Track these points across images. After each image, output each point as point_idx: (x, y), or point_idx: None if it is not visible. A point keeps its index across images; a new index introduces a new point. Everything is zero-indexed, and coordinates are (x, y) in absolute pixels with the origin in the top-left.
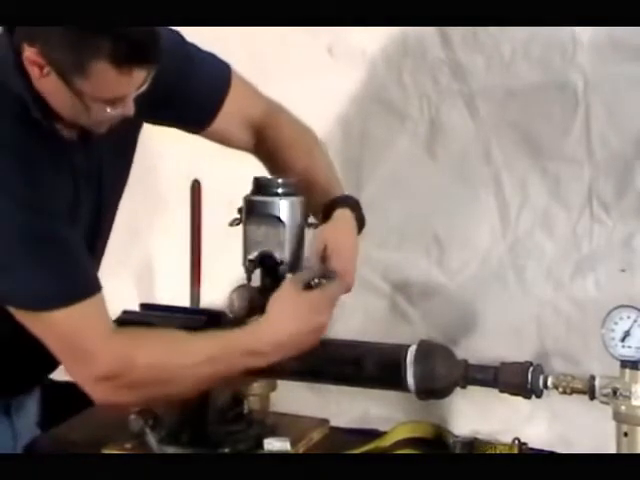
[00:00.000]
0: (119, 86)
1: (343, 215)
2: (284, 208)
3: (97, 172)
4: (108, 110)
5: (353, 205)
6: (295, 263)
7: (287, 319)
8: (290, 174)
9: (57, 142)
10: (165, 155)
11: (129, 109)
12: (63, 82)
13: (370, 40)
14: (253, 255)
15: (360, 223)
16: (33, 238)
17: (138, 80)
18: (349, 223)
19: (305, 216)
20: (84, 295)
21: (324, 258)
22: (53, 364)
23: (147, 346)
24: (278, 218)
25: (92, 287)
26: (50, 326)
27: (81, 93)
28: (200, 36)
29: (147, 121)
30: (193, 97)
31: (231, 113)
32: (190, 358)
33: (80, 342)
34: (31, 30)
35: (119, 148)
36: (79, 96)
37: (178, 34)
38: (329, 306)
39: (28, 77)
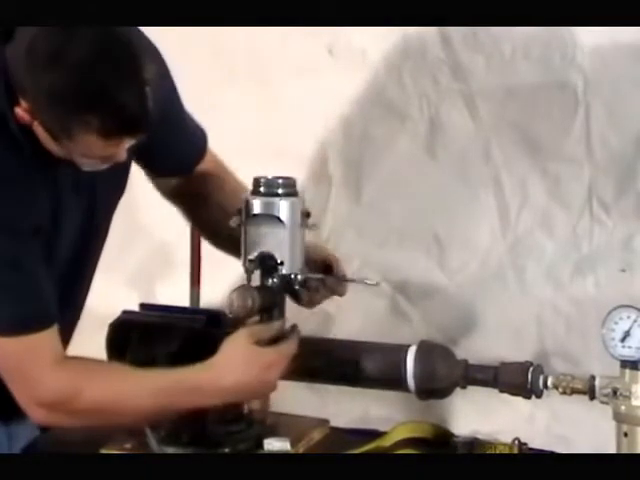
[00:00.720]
0: (107, 151)
1: None
2: (284, 208)
3: (90, 183)
4: (99, 164)
5: None
6: (295, 263)
7: (235, 369)
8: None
9: (40, 158)
10: None
11: (121, 157)
12: (54, 142)
13: (370, 40)
14: (253, 255)
15: None
16: None
17: (127, 145)
18: None
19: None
20: (38, 327)
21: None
22: None
23: (93, 379)
24: (278, 218)
25: (47, 319)
26: (1, 350)
27: (70, 150)
28: (200, 36)
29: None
30: (176, 148)
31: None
32: (134, 393)
33: (26, 369)
34: (21, 86)
35: (113, 174)
36: (68, 152)
37: (172, 81)
38: (279, 365)
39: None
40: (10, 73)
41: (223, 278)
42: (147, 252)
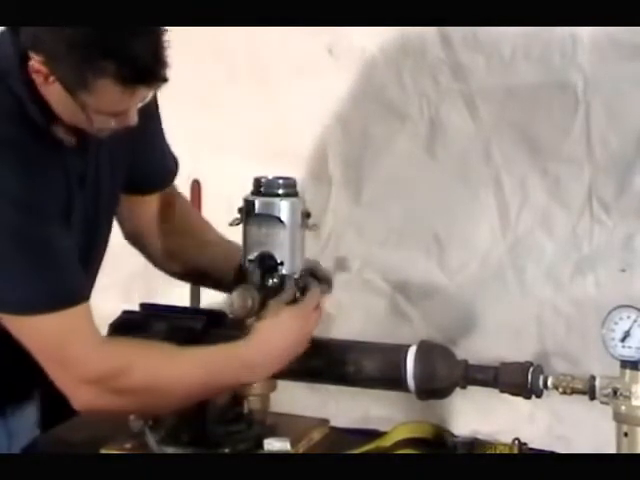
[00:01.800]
0: (122, 102)
1: None
2: (284, 208)
3: (95, 179)
4: (111, 122)
5: None
6: (295, 263)
7: (277, 335)
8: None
9: (54, 145)
10: None
11: (132, 120)
12: (67, 93)
13: (370, 40)
14: (253, 255)
15: None
16: (25, 240)
17: (142, 96)
18: None
19: (304, 216)
20: (71, 302)
21: None
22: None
23: (143, 354)
24: (278, 218)
25: (80, 295)
26: (36, 330)
27: (84, 105)
28: (200, 36)
29: None
30: (152, 165)
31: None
32: (183, 369)
33: (68, 345)
34: (37, 39)
35: (117, 158)
36: (82, 108)
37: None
38: (313, 313)
39: (31, 79)
40: (24, 34)
41: None
42: None
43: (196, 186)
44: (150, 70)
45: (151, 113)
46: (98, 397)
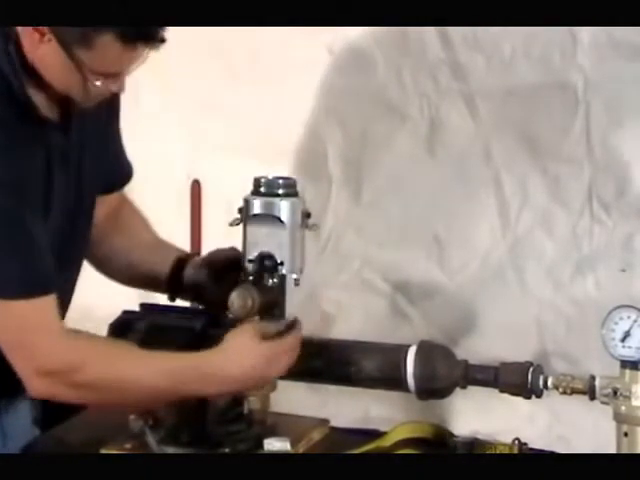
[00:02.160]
0: (121, 61)
1: None
2: (284, 209)
3: (77, 157)
4: (100, 84)
5: None
6: (295, 263)
7: (242, 360)
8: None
9: (35, 121)
10: (165, 155)
11: (121, 86)
12: (64, 51)
13: (370, 40)
14: (253, 255)
15: None
16: (3, 223)
17: (139, 56)
18: None
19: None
20: (45, 291)
21: None
22: None
23: (100, 353)
24: (278, 219)
25: (51, 284)
26: (2, 315)
27: (81, 64)
28: (200, 36)
29: None
30: (109, 164)
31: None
32: (140, 372)
33: (30, 334)
34: None
35: (101, 138)
36: (78, 66)
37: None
38: (285, 357)
39: (18, 48)
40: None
41: None
42: None
43: (196, 186)
44: (152, 28)
45: (115, 112)
46: (53, 388)
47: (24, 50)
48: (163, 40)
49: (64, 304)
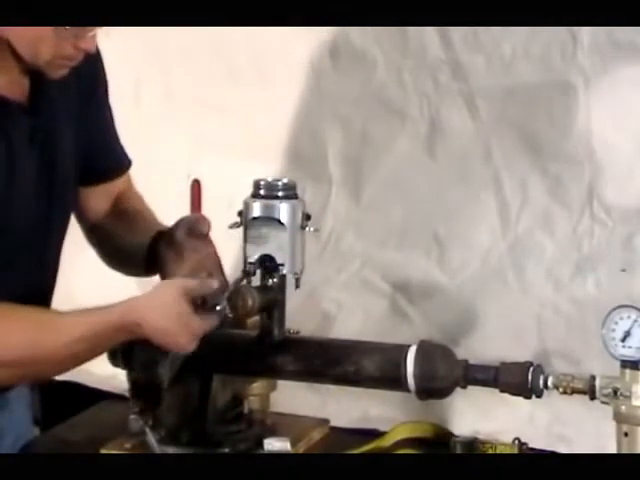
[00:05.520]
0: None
1: None
2: (284, 211)
3: (49, 140)
4: (72, 47)
5: None
6: (295, 265)
7: (159, 316)
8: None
9: None
10: (165, 155)
11: (91, 45)
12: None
13: (370, 40)
14: (253, 258)
15: None
16: None
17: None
18: None
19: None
20: None
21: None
22: None
23: (10, 325)
24: (279, 221)
25: None
26: None
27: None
28: (200, 36)
29: None
30: (105, 147)
31: (108, 191)
32: (57, 338)
33: None
34: None
35: (79, 124)
36: (55, 32)
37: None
38: (198, 333)
39: None
40: None
41: None
42: None
43: (196, 186)
44: None
45: (98, 99)
46: None
47: None
48: None
49: (43, 285)
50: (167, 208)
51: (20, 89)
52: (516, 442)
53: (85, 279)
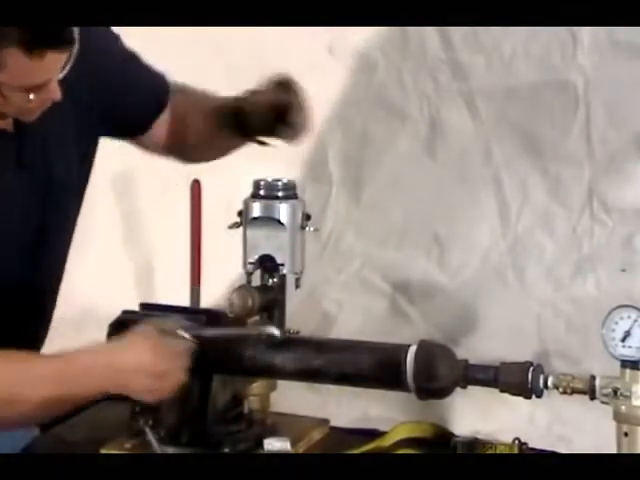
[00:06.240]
0: (35, 71)
1: None
2: (284, 211)
3: (41, 164)
4: (31, 97)
5: None
6: (295, 265)
7: (140, 351)
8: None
9: None
10: None
11: (55, 94)
12: None
13: (370, 40)
14: (253, 258)
15: None
16: None
17: (55, 64)
18: None
19: (304, 218)
20: None
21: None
22: None
23: None
24: (278, 221)
25: None
26: None
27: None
28: (200, 36)
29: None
30: (134, 101)
31: (166, 121)
32: (28, 382)
33: None
34: None
35: (74, 141)
36: None
37: (116, 35)
38: (183, 357)
39: None
40: None
41: (223, 278)
42: (147, 251)
43: (196, 186)
44: (54, 32)
45: (122, 56)
46: None
47: None
48: (71, 40)
49: (43, 302)
50: (167, 208)
51: (3, 120)
52: (516, 442)
53: (85, 279)
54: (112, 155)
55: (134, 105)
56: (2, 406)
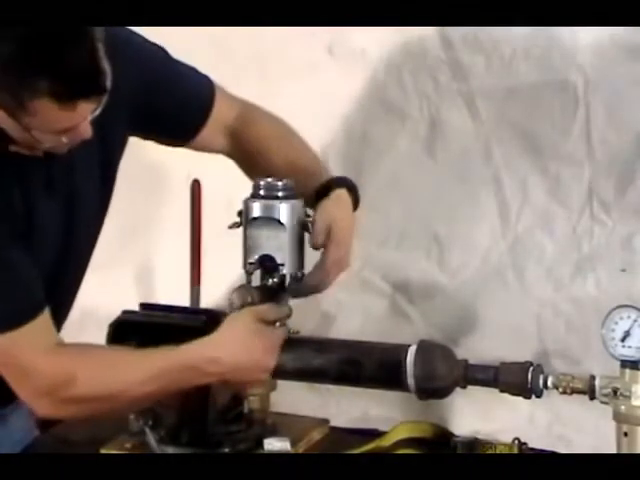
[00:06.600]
0: (66, 119)
1: (341, 195)
2: (284, 211)
3: (68, 187)
4: (63, 140)
5: (350, 186)
6: (295, 265)
7: (235, 348)
8: (272, 167)
9: (9, 157)
10: (165, 155)
11: (86, 133)
12: (12, 119)
13: (370, 40)
14: (253, 258)
15: (355, 204)
16: None
17: (86, 111)
18: (348, 203)
19: (304, 218)
20: (27, 319)
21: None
22: None
23: (88, 362)
24: (278, 221)
25: (35, 309)
26: None
27: (28, 127)
28: (201, 36)
29: (132, 135)
30: (179, 111)
31: (213, 122)
32: (131, 377)
33: (20, 360)
34: None
35: (101, 163)
36: (28, 131)
37: (162, 49)
38: (277, 348)
39: None
40: None
41: (223, 278)
42: (147, 251)
43: (196, 186)
44: (86, 83)
45: (165, 71)
46: (52, 407)
47: None
48: (105, 90)
49: (61, 318)
50: (167, 208)
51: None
52: (516, 442)
53: (85, 279)
54: None
55: (175, 115)
56: (107, 401)
